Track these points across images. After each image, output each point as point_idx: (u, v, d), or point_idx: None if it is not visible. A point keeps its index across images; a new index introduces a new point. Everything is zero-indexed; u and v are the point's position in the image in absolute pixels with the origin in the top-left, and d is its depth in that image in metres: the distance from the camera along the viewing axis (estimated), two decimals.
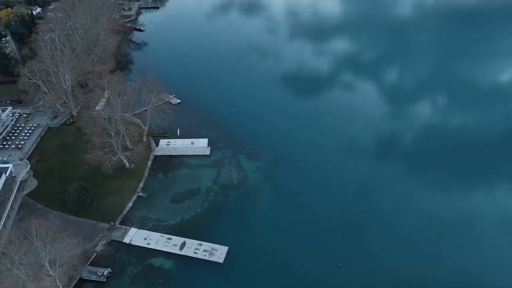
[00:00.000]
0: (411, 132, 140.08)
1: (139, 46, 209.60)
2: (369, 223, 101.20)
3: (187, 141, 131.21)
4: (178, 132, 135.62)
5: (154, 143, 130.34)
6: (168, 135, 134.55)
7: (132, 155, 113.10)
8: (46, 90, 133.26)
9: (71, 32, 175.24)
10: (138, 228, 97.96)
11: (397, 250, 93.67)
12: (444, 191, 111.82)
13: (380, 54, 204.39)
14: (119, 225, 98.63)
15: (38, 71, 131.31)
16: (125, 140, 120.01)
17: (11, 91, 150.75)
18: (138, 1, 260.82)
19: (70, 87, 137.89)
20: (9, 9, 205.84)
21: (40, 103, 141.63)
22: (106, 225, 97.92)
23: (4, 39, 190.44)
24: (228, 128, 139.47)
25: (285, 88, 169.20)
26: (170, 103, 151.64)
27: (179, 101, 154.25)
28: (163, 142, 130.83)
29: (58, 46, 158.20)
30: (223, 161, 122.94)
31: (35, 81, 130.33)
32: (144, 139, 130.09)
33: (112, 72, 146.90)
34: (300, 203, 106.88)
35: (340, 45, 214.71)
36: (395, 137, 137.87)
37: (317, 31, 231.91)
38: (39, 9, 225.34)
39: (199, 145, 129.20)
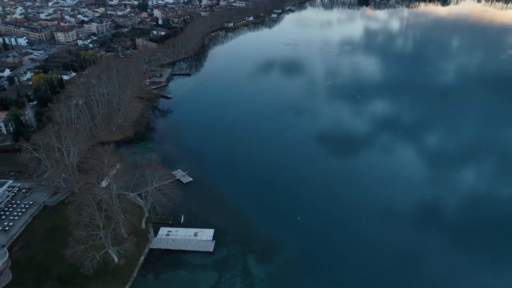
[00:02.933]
0: (453, 201, 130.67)
1: (164, 113, 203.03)
2: None
3: (190, 231, 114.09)
4: (182, 219, 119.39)
5: (152, 232, 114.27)
6: (170, 221, 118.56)
7: (122, 250, 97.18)
8: (48, 165, 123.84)
9: (91, 99, 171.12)
10: None
11: None
12: (491, 271, 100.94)
13: (420, 121, 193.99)
14: None
15: (42, 145, 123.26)
16: (120, 228, 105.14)
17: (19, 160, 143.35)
18: (170, 68, 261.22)
19: (75, 162, 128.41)
20: (41, 74, 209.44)
21: (45, 176, 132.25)
22: None
23: (31, 103, 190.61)
24: (240, 215, 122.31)
25: (308, 163, 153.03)
26: (181, 181, 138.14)
27: (191, 179, 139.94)
28: (163, 231, 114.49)
29: (73, 116, 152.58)
30: (227, 261, 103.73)
31: (36, 155, 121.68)
32: (143, 226, 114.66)
33: (119, 145, 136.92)
34: None
35: (378, 110, 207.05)
36: (436, 206, 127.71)
37: (353, 97, 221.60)
38: (73, 74, 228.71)
39: (203, 238, 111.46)
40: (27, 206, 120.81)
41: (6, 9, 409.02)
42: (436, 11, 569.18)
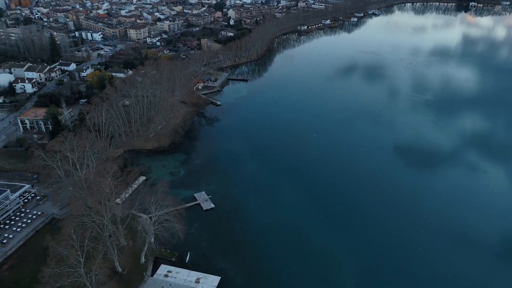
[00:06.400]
0: None
1: (209, 122, 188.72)
2: None
3: (193, 275, 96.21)
4: (188, 258, 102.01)
5: (151, 269, 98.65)
6: (174, 258, 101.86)
7: None
8: (62, 175, 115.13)
9: (132, 101, 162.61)
10: None
11: None
12: None
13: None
14: None
15: (58, 152, 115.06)
16: (114, 262, 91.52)
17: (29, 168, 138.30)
18: (228, 72, 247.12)
19: (93, 173, 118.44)
20: (96, 71, 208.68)
21: (59, 185, 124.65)
22: None
23: (81, 101, 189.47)
24: (258, 261, 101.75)
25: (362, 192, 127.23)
26: (201, 207, 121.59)
27: (213, 206, 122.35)
28: (163, 269, 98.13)
29: (105, 120, 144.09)
30: None
31: (49, 163, 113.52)
32: (142, 260, 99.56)
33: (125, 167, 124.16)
34: None
35: (464, 127, 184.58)
36: None
37: (429, 117, 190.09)
38: (130, 72, 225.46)
39: (205, 287, 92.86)
40: (34, 216, 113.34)
41: (94, 4, 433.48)
42: None
